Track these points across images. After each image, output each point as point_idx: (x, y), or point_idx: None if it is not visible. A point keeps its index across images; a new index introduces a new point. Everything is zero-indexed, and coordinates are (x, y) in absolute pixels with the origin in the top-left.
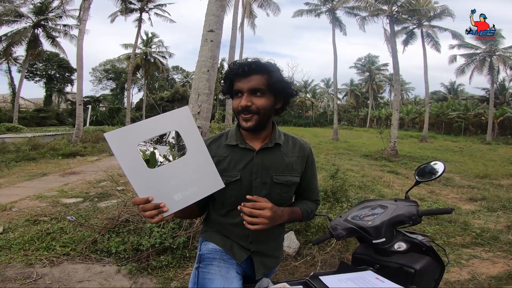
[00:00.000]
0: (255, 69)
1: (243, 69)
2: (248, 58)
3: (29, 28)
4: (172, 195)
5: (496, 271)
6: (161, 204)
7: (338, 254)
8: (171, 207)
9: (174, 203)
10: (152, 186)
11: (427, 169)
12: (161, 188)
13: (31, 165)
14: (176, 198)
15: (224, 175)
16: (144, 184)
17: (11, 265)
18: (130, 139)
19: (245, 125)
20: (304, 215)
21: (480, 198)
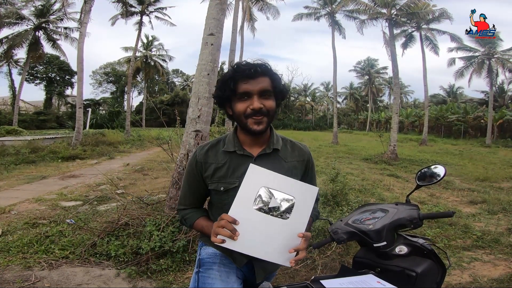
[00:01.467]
0: (264, 71)
1: (255, 69)
2: (251, 60)
3: (30, 31)
4: (247, 238)
5: (497, 273)
6: (237, 232)
7: (339, 257)
8: (238, 244)
9: (243, 244)
10: (244, 219)
11: (428, 173)
12: (246, 226)
13: (31, 168)
14: (247, 243)
15: (222, 182)
16: (239, 213)
17: (10, 268)
18: (263, 179)
19: (256, 128)
20: (314, 220)
21: (481, 201)
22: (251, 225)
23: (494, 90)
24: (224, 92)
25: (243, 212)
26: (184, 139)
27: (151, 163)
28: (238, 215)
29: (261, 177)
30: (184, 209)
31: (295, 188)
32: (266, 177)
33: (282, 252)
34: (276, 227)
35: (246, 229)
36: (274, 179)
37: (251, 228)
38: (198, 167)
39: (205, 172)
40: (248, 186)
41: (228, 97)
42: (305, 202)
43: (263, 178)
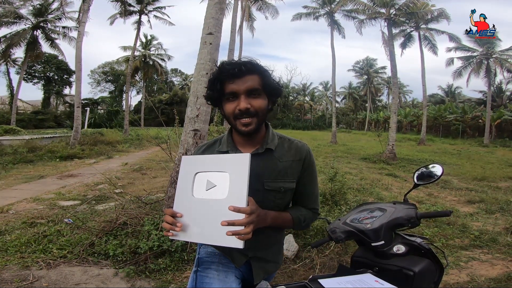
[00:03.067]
0: (250, 69)
1: (239, 68)
2: (238, 58)
3: (28, 30)
4: (193, 226)
5: (495, 273)
6: (178, 224)
7: (337, 257)
8: (186, 234)
9: (190, 233)
10: (186, 209)
11: (425, 172)
12: (190, 215)
13: (29, 168)
14: (195, 230)
15: None
16: (181, 204)
17: (7, 267)
18: (194, 166)
19: (245, 130)
20: (295, 222)
21: (478, 200)
22: (194, 213)
23: (492, 90)
24: (213, 92)
25: (185, 202)
26: (183, 138)
27: (149, 162)
28: (181, 207)
29: (193, 164)
30: None
31: (225, 162)
32: (198, 162)
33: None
34: (216, 208)
35: (191, 218)
36: (205, 162)
37: (195, 216)
38: None
39: None
40: (184, 177)
41: (218, 97)
42: (238, 173)
43: (195, 165)
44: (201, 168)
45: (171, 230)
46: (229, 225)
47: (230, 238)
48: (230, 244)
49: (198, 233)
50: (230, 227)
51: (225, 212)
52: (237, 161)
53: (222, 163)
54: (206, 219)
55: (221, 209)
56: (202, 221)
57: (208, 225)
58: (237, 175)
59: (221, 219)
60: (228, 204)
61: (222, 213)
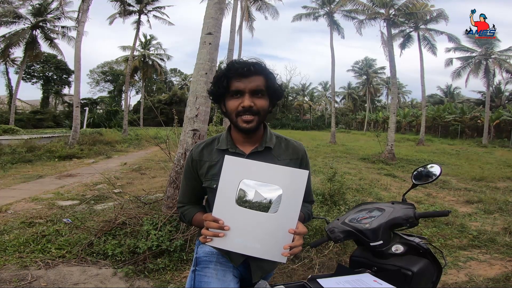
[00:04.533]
0: (258, 69)
1: (248, 68)
2: (247, 58)
3: (27, 30)
4: (235, 237)
5: (493, 273)
6: (225, 227)
7: (336, 256)
8: (228, 243)
9: (232, 243)
10: (227, 217)
11: (423, 172)
12: (233, 223)
13: (27, 167)
14: (237, 241)
15: (215, 179)
16: (222, 211)
17: (6, 267)
18: (242, 171)
19: (246, 126)
20: (305, 218)
21: (477, 200)
22: (237, 222)
23: (491, 90)
24: (218, 89)
25: (227, 209)
26: (182, 138)
27: (148, 162)
28: (221, 214)
29: (240, 168)
30: (183, 206)
31: (280, 175)
32: (246, 167)
33: (274, 248)
34: (264, 222)
35: (232, 227)
36: (255, 169)
37: (237, 226)
38: (193, 165)
39: (200, 170)
40: (227, 181)
41: (222, 94)
42: (294, 190)
43: (242, 170)
44: (249, 175)
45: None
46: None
47: (276, 254)
48: (274, 259)
49: (240, 243)
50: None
51: (274, 228)
52: (294, 177)
53: (275, 174)
54: (251, 231)
55: (271, 225)
56: (246, 232)
57: (253, 237)
58: (292, 192)
59: (269, 235)
60: (279, 221)
61: (271, 228)
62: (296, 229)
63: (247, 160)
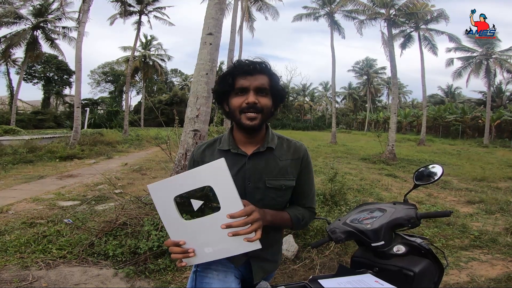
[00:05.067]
0: (263, 69)
1: (254, 66)
2: (252, 58)
3: (28, 30)
4: (203, 247)
5: (495, 273)
6: (189, 249)
7: (337, 257)
8: (200, 257)
9: (204, 254)
10: (185, 235)
11: (425, 172)
12: (193, 238)
13: (28, 168)
14: (207, 251)
15: None
16: (177, 231)
17: (7, 268)
18: (169, 191)
19: (249, 124)
20: (293, 221)
21: (478, 200)
22: (196, 235)
23: (492, 90)
24: (223, 87)
25: (180, 229)
26: (183, 138)
27: (149, 162)
28: (178, 235)
29: (166, 190)
30: None
31: (201, 175)
32: (170, 186)
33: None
34: (217, 222)
35: (195, 241)
36: (177, 183)
37: (198, 238)
38: (195, 166)
39: None
40: (162, 205)
41: (226, 92)
42: (221, 180)
43: (168, 190)
44: (176, 191)
45: (185, 259)
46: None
47: (244, 244)
48: (247, 249)
49: (211, 252)
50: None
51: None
52: (214, 169)
53: (198, 177)
54: (211, 236)
55: (220, 221)
56: (208, 239)
57: (216, 241)
58: (221, 183)
59: (223, 231)
60: (226, 214)
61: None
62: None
63: (167, 179)
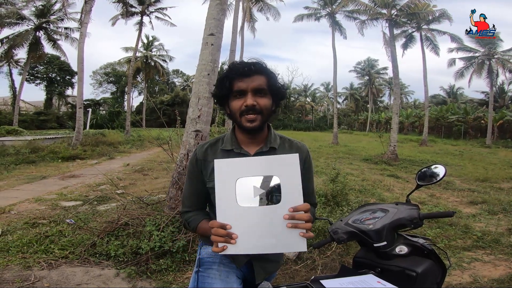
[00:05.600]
0: (259, 69)
1: (249, 67)
2: (247, 59)
3: (30, 31)
4: (248, 236)
5: (497, 273)
6: (233, 235)
7: (339, 258)
8: (241, 246)
9: (245, 244)
10: (233, 220)
11: (428, 173)
12: (240, 225)
13: (31, 168)
14: (250, 242)
15: None
16: (226, 214)
17: (9, 268)
18: (234, 171)
19: (249, 126)
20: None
21: (481, 201)
22: (245, 222)
23: (494, 90)
24: (221, 90)
25: (230, 212)
26: (184, 139)
27: (151, 163)
28: (226, 218)
29: (232, 169)
30: (187, 211)
31: (272, 164)
32: (237, 166)
33: (289, 238)
34: (271, 215)
35: (241, 229)
36: (247, 165)
37: (245, 226)
38: (198, 165)
39: (204, 170)
40: (223, 184)
41: (225, 95)
42: (289, 175)
43: (234, 170)
44: (242, 173)
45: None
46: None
47: (293, 242)
48: (294, 249)
49: (253, 244)
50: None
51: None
52: (286, 162)
53: (267, 166)
54: (261, 228)
55: (278, 215)
56: (256, 230)
57: (264, 234)
58: (289, 177)
59: (280, 226)
60: (285, 210)
61: (280, 219)
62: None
63: (237, 159)
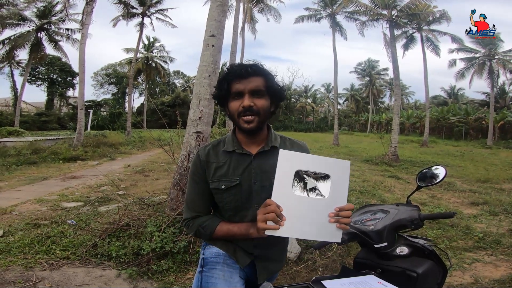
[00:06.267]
0: (256, 70)
1: (245, 69)
2: (246, 61)
3: (32, 32)
4: (295, 221)
5: (499, 274)
6: (283, 217)
7: (340, 258)
8: (287, 229)
9: (291, 229)
10: (285, 204)
11: (428, 174)
12: (291, 210)
13: (32, 169)
14: (295, 226)
15: (223, 180)
16: (280, 198)
17: (11, 268)
18: (295, 162)
19: (247, 127)
20: None
21: (482, 202)
22: (294, 209)
23: (495, 91)
24: (220, 92)
25: (284, 197)
26: (186, 140)
27: (152, 164)
28: (280, 202)
29: (293, 160)
30: (196, 216)
31: (327, 165)
32: (298, 159)
33: (328, 229)
34: (317, 206)
35: (290, 213)
36: (306, 161)
37: (294, 212)
38: (202, 166)
39: (207, 171)
40: (283, 171)
41: (224, 96)
42: (340, 177)
43: (295, 162)
44: (301, 166)
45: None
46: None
47: (330, 233)
48: (330, 239)
49: (298, 228)
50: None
51: (326, 210)
52: (339, 166)
53: (323, 165)
54: (306, 215)
55: (323, 208)
56: (302, 217)
57: (309, 221)
58: (339, 179)
59: (323, 218)
60: (330, 204)
61: (324, 212)
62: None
63: (299, 153)
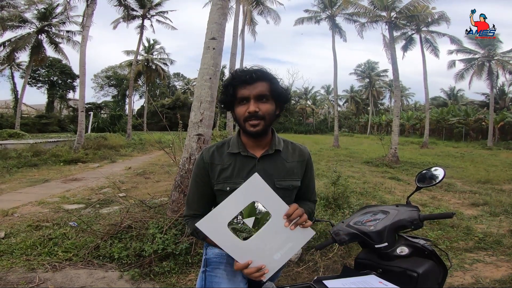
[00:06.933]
0: (260, 76)
1: (250, 75)
2: (250, 66)
3: (32, 34)
4: (272, 256)
5: (499, 274)
6: (262, 266)
7: (341, 259)
8: (272, 266)
9: (274, 263)
10: (251, 253)
11: (427, 175)
12: (260, 253)
13: (33, 171)
14: (276, 257)
15: (228, 182)
16: (243, 253)
17: (13, 270)
18: (219, 222)
19: (252, 130)
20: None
21: (482, 203)
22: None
23: (495, 92)
24: (226, 97)
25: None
26: (187, 142)
27: (152, 166)
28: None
29: (215, 222)
30: (194, 215)
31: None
32: (218, 218)
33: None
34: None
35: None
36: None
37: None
38: (206, 167)
39: (211, 172)
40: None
41: (231, 101)
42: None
43: (217, 222)
44: (226, 218)
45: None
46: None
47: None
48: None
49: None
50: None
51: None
52: (253, 185)
53: (241, 199)
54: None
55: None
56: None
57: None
58: (263, 194)
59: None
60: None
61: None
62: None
63: (211, 213)
